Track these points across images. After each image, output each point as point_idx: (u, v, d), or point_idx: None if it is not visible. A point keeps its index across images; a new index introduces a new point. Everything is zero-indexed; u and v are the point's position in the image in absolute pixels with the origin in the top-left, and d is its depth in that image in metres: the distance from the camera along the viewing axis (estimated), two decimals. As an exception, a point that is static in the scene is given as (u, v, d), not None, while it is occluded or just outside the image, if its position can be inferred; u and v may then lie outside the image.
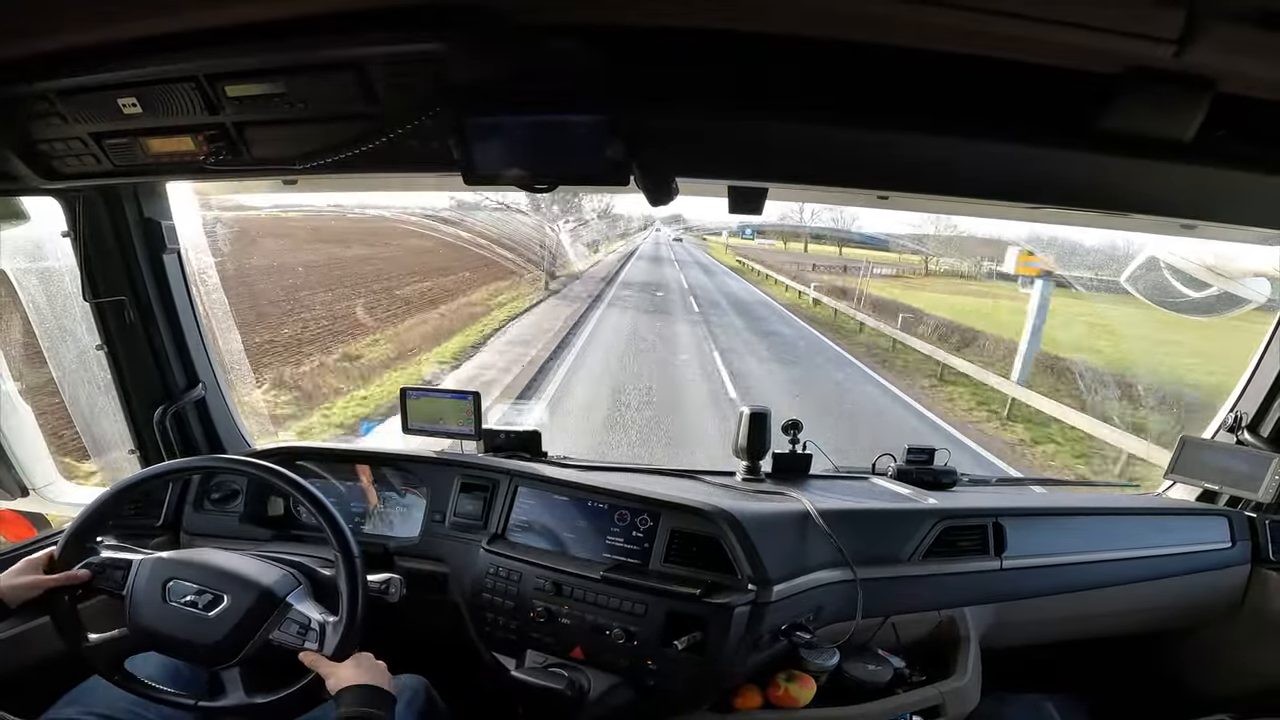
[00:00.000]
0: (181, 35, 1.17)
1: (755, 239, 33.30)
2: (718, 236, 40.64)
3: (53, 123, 1.41)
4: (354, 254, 18.02)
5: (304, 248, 16.59)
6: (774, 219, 30.45)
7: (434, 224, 16.63)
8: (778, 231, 31.90)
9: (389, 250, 18.95)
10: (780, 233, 31.92)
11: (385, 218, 17.58)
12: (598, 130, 1.20)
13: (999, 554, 1.85)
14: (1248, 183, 1.30)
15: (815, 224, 28.68)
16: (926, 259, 26.02)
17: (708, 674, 1.53)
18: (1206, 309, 2.20)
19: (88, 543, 1.47)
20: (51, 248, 1.94)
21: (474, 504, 1.85)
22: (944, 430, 10.01)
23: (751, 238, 33.15)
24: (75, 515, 1.48)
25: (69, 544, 1.44)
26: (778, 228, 31.30)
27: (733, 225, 34.97)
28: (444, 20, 1.09)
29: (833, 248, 30.38)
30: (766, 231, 31.91)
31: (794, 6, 1.04)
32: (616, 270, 26.01)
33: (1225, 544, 2.07)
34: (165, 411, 2.00)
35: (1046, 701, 2.10)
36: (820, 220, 28.78)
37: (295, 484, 1.50)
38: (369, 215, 18.05)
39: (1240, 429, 2.10)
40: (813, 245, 31.32)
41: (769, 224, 30.48)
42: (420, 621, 1.71)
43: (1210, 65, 1.02)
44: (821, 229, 29.78)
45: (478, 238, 17.41)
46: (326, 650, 1.36)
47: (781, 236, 32.55)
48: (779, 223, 30.08)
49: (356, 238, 19.03)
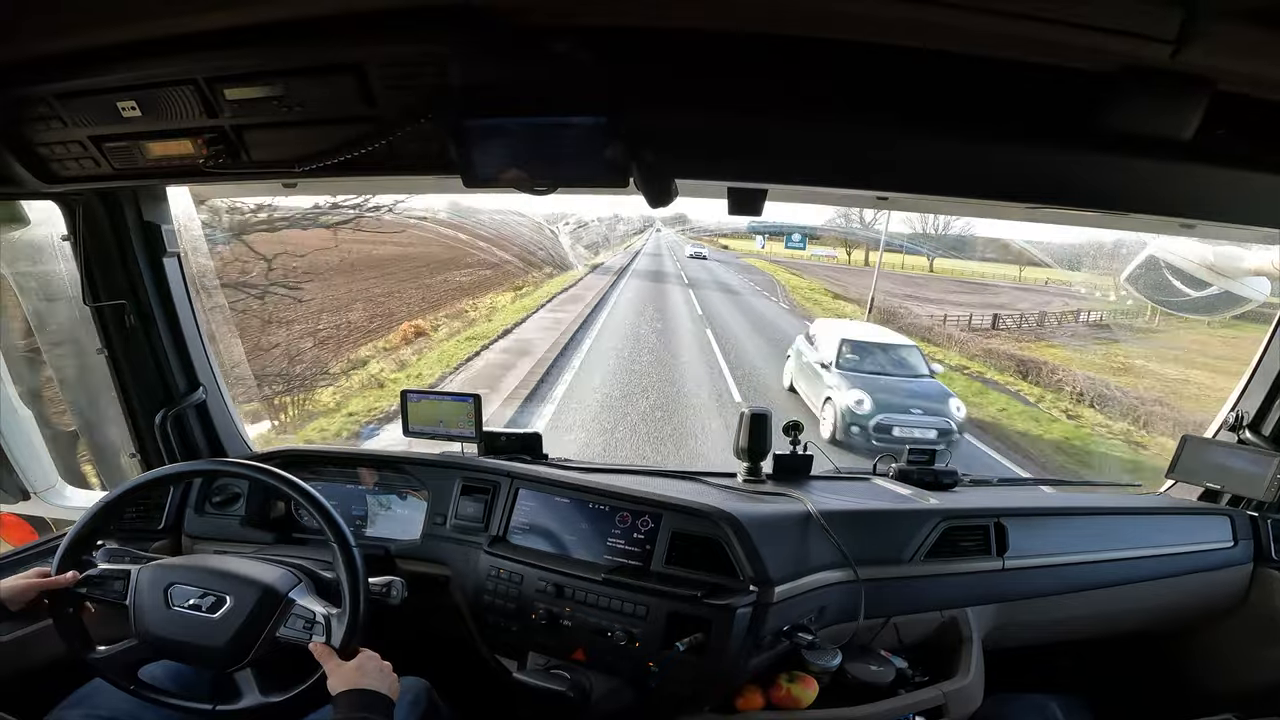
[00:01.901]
0: (180, 38, 1.17)
1: (807, 248, 24.66)
2: (746, 243, 31.19)
3: (52, 126, 1.42)
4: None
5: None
6: (823, 219, 22.22)
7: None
8: (837, 237, 24.40)
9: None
10: (842, 239, 24.42)
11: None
12: (597, 132, 1.20)
13: (1001, 554, 1.85)
14: (1248, 182, 1.30)
15: (892, 229, 20.91)
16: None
17: (710, 675, 1.53)
18: (1207, 308, 2.20)
19: (89, 547, 1.47)
20: (52, 252, 1.95)
21: (475, 506, 1.85)
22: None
23: (802, 246, 24.60)
24: (76, 519, 1.48)
25: (70, 549, 1.44)
26: (838, 233, 23.98)
27: (762, 227, 26.03)
28: (443, 22, 1.10)
29: (918, 260, 22.36)
30: (821, 237, 24.52)
31: (792, 7, 1.05)
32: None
33: (1228, 543, 2.06)
34: (166, 415, 2.00)
35: (1050, 701, 2.09)
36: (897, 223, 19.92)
37: (296, 487, 1.50)
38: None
39: (1242, 428, 2.10)
40: (877, 254, 23.93)
41: (822, 227, 23.14)
42: (422, 624, 1.71)
43: (1208, 64, 1.03)
44: (899, 237, 21.44)
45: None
46: (333, 642, 1.36)
47: (844, 244, 25.02)
48: (832, 226, 22.43)
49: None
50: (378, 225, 13.15)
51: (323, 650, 1.35)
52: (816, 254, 24.82)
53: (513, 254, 20.91)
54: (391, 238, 15.33)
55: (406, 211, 14.25)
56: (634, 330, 16.07)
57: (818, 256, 24.96)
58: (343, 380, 11.83)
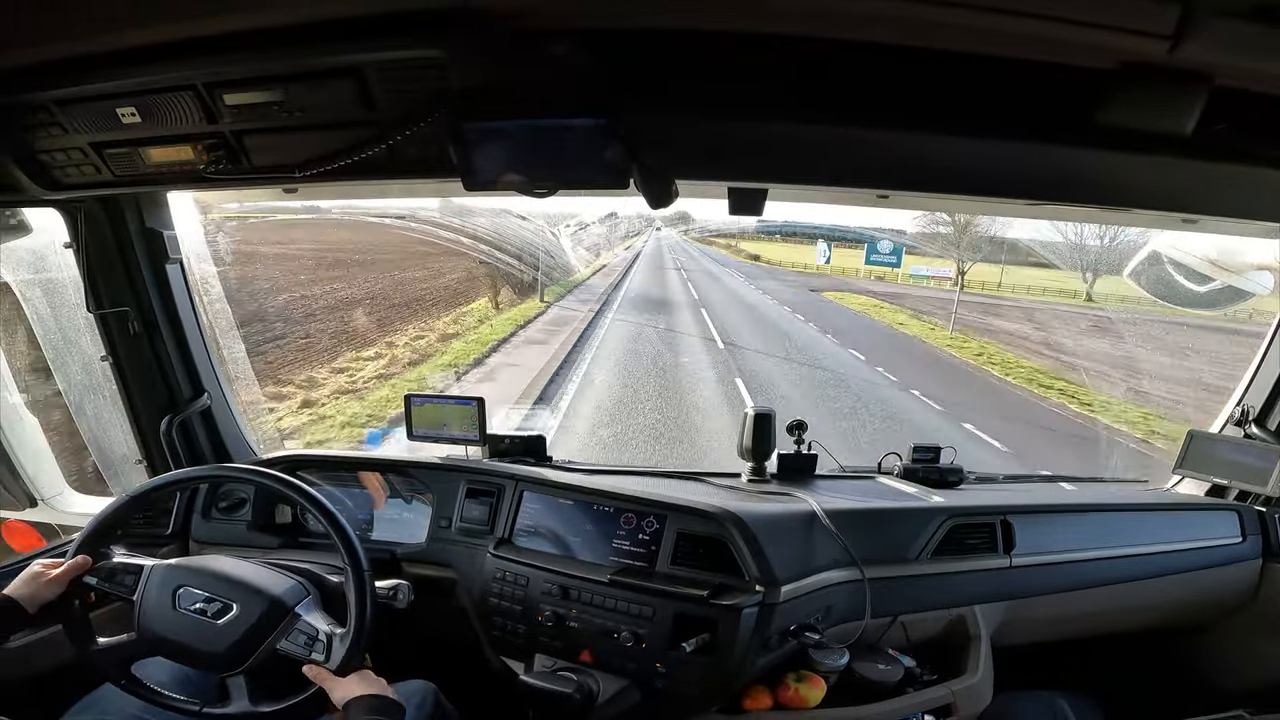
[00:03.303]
0: (178, 44, 1.17)
1: (904, 263, 15.69)
2: (773, 248, 21.19)
3: (52, 133, 1.42)
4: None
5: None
6: (915, 223, 14.66)
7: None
8: (949, 241, 16.34)
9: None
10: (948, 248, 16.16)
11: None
12: (597, 134, 1.20)
13: (1008, 551, 1.84)
14: (1249, 176, 1.30)
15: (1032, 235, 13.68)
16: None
17: (717, 675, 1.53)
18: (1210, 303, 2.19)
19: (98, 551, 1.47)
20: (54, 259, 1.95)
21: (480, 509, 1.85)
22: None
23: (896, 261, 16.67)
24: (83, 525, 1.49)
25: (79, 553, 1.44)
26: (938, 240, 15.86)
27: (821, 230, 17.54)
28: (442, 25, 1.10)
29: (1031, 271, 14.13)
30: (919, 249, 16.87)
31: (791, 7, 1.05)
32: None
33: (1236, 539, 2.05)
34: (171, 421, 2.00)
35: (1059, 699, 2.08)
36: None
37: (303, 492, 1.50)
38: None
39: (1247, 422, 2.09)
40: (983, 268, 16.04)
41: (915, 234, 15.59)
42: (428, 627, 1.71)
43: (1206, 60, 1.03)
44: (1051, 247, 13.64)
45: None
46: (332, 663, 1.36)
47: (955, 251, 16.56)
48: (930, 230, 14.81)
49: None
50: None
51: (317, 673, 1.35)
52: (918, 273, 16.81)
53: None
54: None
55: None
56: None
57: (920, 278, 16.90)
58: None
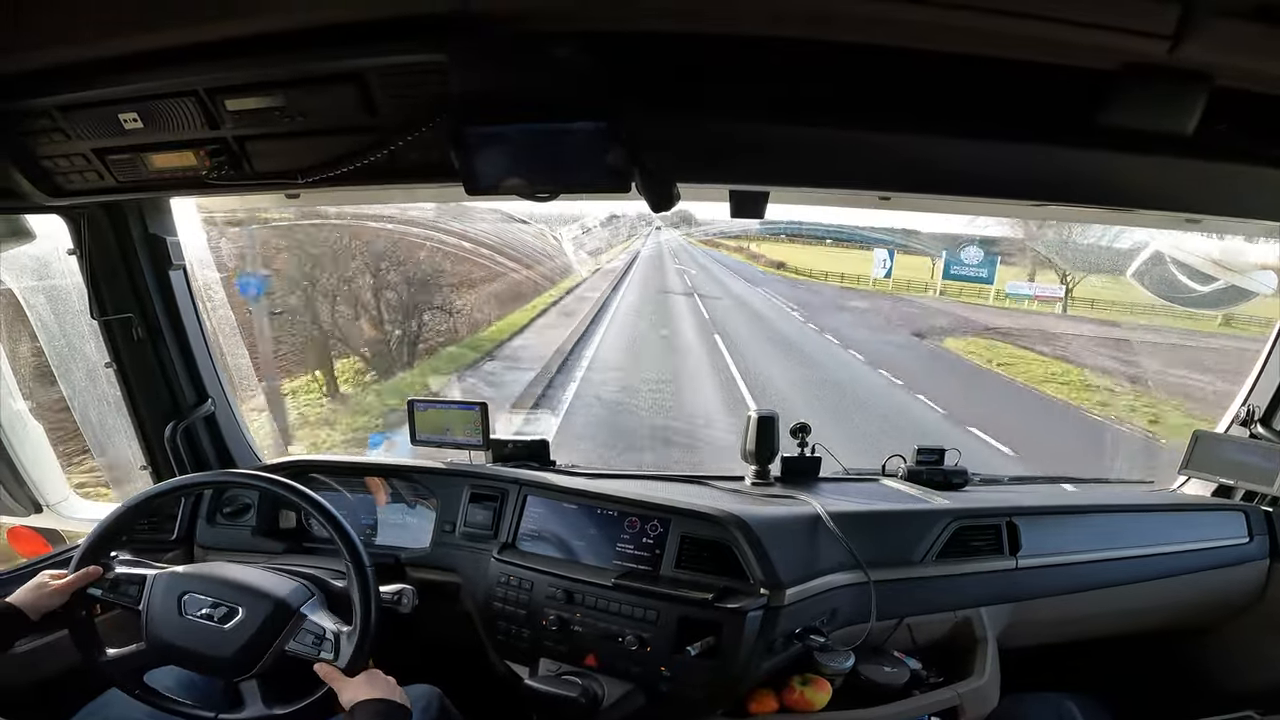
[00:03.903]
0: (179, 49, 1.18)
1: (1030, 291, 12.41)
2: (790, 251, 17.70)
3: (55, 139, 1.42)
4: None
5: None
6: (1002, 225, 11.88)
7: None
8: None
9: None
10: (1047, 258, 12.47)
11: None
12: (599, 138, 1.20)
13: (1014, 553, 1.83)
14: (1251, 176, 1.30)
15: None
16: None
17: (722, 679, 1.52)
18: (1213, 303, 2.19)
19: (102, 557, 1.48)
20: (58, 266, 1.96)
21: (484, 514, 1.85)
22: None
23: (989, 275, 13.04)
24: (89, 531, 1.49)
25: (84, 559, 1.45)
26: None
27: (870, 236, 14.79)
28: (443, 30, 1.10)
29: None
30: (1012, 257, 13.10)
31: (792, 8, 1.05)
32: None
33: (1243, 539, 2.04)
34: (175, 427, 2.01)
35: (1067, 700, 2.07)
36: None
37: (307, 497, 1.51)
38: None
39: (1253, 422, 2.08)
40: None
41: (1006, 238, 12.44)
42: (433, 631, 1.71)
43: (1206, 60, 1.03)
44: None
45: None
46: (341, 661, 1.37)
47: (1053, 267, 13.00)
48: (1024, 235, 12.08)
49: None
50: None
51: (328, 672, 1.36)
52: (1017, 291, 12.75)
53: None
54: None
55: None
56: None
57: (1019, 298, 12.79)
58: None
